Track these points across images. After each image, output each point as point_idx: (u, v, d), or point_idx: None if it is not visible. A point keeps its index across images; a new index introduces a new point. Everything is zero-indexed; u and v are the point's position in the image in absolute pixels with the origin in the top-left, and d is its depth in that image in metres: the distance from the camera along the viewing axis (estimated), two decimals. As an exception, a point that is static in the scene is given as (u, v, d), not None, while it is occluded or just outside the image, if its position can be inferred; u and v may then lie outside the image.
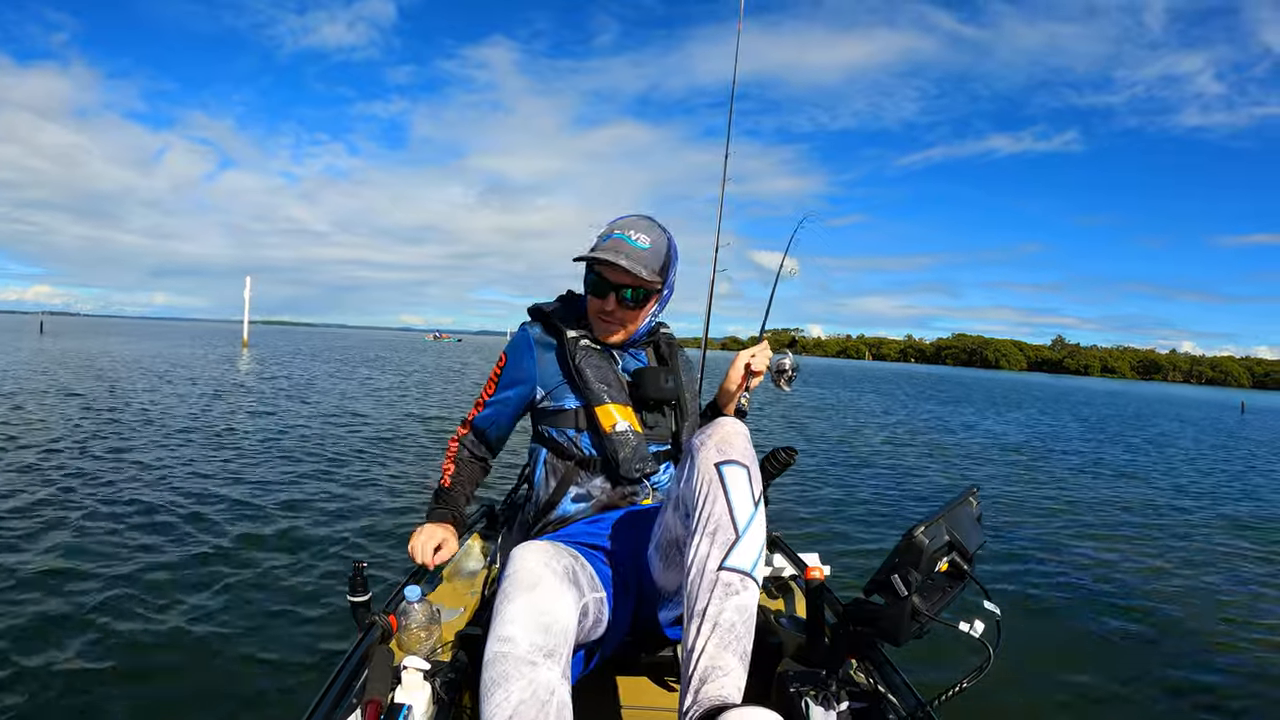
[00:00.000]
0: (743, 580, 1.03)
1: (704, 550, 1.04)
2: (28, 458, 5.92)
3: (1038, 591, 3.89)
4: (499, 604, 1.03)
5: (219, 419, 9.03)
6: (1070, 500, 6.79)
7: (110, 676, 2.45)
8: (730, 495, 1.06)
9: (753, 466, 1.11)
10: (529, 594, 1.02)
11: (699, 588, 1.02)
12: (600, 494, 1.41)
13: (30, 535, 3.85)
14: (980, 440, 11.54)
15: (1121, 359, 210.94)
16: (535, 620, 0.99)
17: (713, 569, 1.02)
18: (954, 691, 1.07)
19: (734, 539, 1.04)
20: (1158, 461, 10.53)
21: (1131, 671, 2.96)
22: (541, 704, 0.93)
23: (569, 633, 1.02)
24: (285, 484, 5.50)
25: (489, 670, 0.96)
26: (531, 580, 1.04)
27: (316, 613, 3.06)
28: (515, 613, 1.00)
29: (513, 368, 1.49)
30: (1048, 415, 19.51)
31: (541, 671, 0.95)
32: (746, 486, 1.08)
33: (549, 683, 0.95)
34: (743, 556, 1.04)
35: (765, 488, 1.99)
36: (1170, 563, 4.67)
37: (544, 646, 0.97)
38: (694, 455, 1.13)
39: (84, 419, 8.25)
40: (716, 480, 1.07)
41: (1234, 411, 32.90)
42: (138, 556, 3.62)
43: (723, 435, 1.12)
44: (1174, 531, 5.66)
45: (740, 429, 1.16)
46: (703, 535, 1.05)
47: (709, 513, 1.06)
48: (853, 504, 5.87)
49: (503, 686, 0.93)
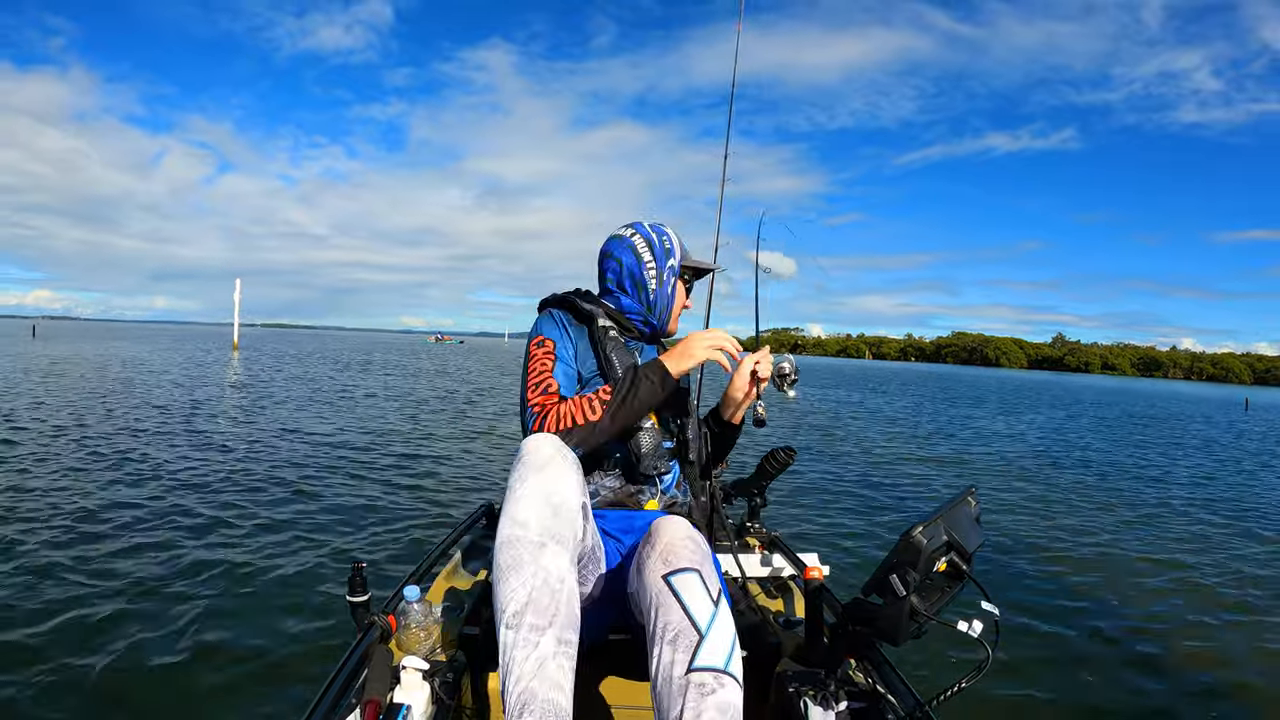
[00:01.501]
0: (718, 678, 0.96)
1: (666, 659, 0.98)
2: (14, 459, 5.92)
3: (1038, 591, 3.90)
4: (511, 484, 1.06)
5: (203, 420, 9.03)
6: (1074, 500, 6.79)
7: (109, 676, 2.45)
8: (685, 602, 1.02)
9: (704, 567, 1.07)
10: (539, 474, 1.05)
11: (669, 698, 0.96)
12: (609, 492, 1.41)
13: (27, 534, 3.85)
14: (1002, 445, 11.24)
15: (1122, 356, 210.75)
16: (546, 501, 1.03)
17: (680, 675, 0.96)
18: (953, 691, 1.07)
19: (698, 639, 0.98)
20: (1177, 461, 10.41)
21: (1132, 671, 2.97)
22: (553, 592, 0.99)
23: (575, 516, 1.06)
24: (285, 484, 5.50)
25: (503, 553, 1.01)
26: (542, 462, 1.07)
27: (315, 613, 3.06)
28: (526, 493, 1.04)
29: (562, 348, 1.42)
30: (1062, 415, 19.18)
31: (550, 557, 1.00)
32: (701, 589, 1.03)
33: (559, 570, 1.00)
34: (712, 654, 0.97)
35: (764, 488, 2.00)
36: (1177, 563, 4.67)
37: (553, 530, 1.02)
38: (641, 569, 1.10)
39: (64, 422, 8.25)
40: (667, 591, 1.03)
41: (1238, 408, 32.79)
42: (136, 557, 3.62)
43: (665, 545, 1.09)
44: (1185, 531, 5.66)
45: (684, 531, 1.12)
46: (663, 645, 1.00)
47: (665, 622, 1.01)
48: (852, 504, 5.87)
49: (517, 572, 0.99)
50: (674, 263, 1.52)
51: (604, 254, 1.54)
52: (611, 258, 1.52)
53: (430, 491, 5.57)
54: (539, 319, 1.47)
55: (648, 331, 1.55)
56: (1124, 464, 9.71)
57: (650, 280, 1.50)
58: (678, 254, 1.53)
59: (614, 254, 1.52)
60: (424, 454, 7.27)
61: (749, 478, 2.00)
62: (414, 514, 4.84)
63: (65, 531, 3.95)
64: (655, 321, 1.54)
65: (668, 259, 1.51)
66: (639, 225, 1.54)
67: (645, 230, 1.53)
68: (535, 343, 1.41)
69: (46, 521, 4.13)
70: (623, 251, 1.51)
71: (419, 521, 4.64)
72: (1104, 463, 9.70)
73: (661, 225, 1.55)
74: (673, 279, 1.53)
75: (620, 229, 1.55)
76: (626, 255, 1.50)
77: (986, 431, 13.33)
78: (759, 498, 2.02)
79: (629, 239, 1.52)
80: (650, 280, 1.50)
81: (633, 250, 1.50)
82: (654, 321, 1.53)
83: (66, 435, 7.16)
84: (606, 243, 1.55)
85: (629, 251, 1.51)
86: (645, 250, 1.51)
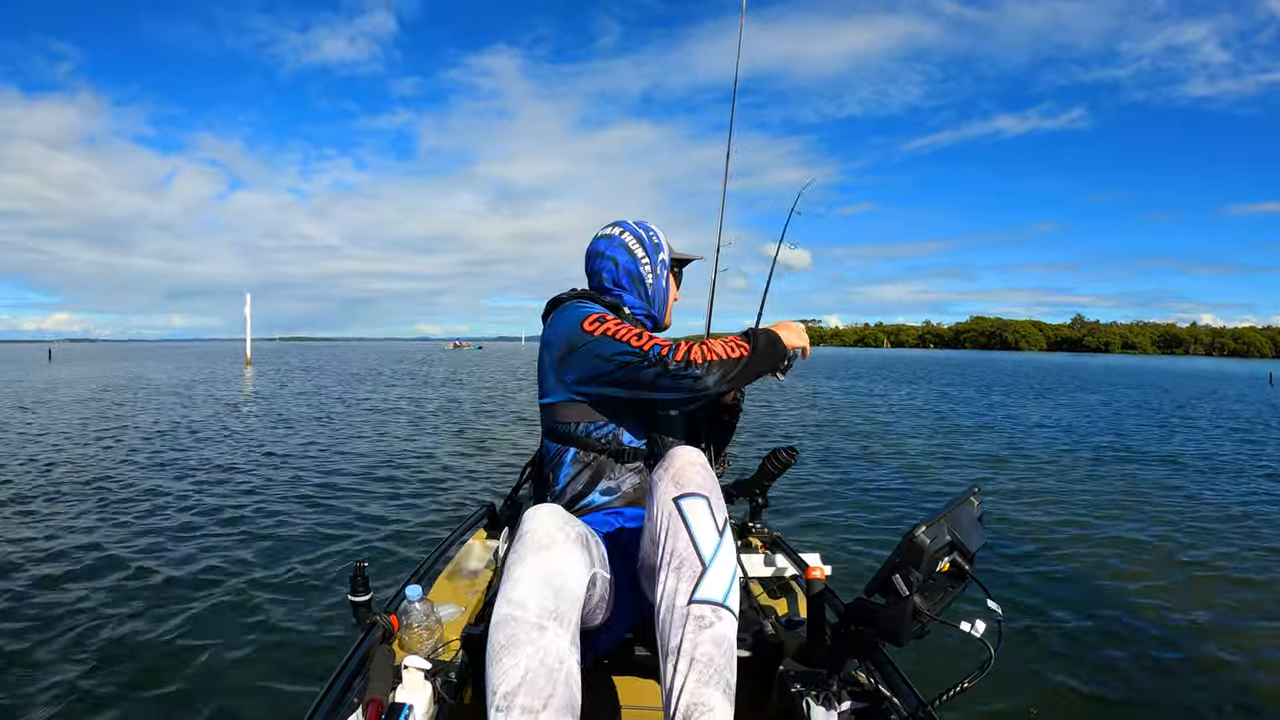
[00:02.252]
0: (715, 611, 1.00)
1: (671, 586, 1.02)
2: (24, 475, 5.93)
3: (1039, 590, 3.89)
4: (510, 565, 1.01)
5: (209, 430, 9.05)
6: (1085, 495, 6.78)
7: (111, 675, 2.46)
8: (692, 528, 1.04)
9: (713, 495, 1.09)
10: (541, 555, 1.00)
11: (670, 625, 1.00)
12: (629, 488, 1.40)
13: (34, 540, 3.86)
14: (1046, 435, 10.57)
15: (1142, 334, 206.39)
16: (546, 583, 0.98)
17: (682, 604, 1.00)
18: (955, 691, 1.06)
19: (701, 570, 1.02)
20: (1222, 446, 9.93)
21: (1135, 671, 2.96)
22: (550, 672, 0.93)
23: (578, 599, 1.01)
24: (286, 484, 5.51)
25: (498, 633, 0.96)
26: (544, 541, 1.02)
27: (317, 612, 3.06)
28: (526, 574, 0.98)
29: (619, 315, 1.42)
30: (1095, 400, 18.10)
31: (550, 638, 0.95)
32: (708, 517, 1.06)
33: (558, 651, 0.95)
34: (712, 587, 1.01)
35: (766, 488, 2.00)
36: (1190, 559, 4.66)
37: (554, 611, 0.97)
38: (652, 491, 1.11)
39: (80, 437, 8.27)
40: (676, 515, 1.05)
41: (1262, 383, 32.05)
42: (137, 557, 3.63)
43: (678, 468, 1.10)
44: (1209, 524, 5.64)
45: (697, 459, 1.13)
46: (668, 572, 1.03)
47: (672, 548, 1.04)
48: (854, 503, 5.87)
49: (511, 653, 0.93)
50: (664, 256, 1.55)
51: (594, 254, 1.53)
52: (604, 257, 1.51)
53: (431, 491, 5.58)
54: (581, 306, 1.39)
55: (650, 326, 1.55)
56: (1168, 453, 9.17)
57: (647, 275, 1.51)
58: (665, 248, 1.56)
59: (606, 253, 1.51)
60: (425, 455, 7.28)
61: (750, 478, 2.00)
62: (415, 514, 4.85)
63: (70, 533, 3.96)
64: (655, 315, 1.55)
65: (658, 253, 1.54)
66: (625, 224, 1.54)
67: (632, 228, 1.54)
68: (596, 317, 1.32)
69: (49, 522, 4.14)
70: (615, 250, 1.51)
71: (420, 521, 4.64)
72: (1143, 450, 9.42)
73: (645, 222, 1.57)
74: (665, 272, 1.55)
75: (606, 229, 1.55)
76: (620, 253, 1.51)
77: (1024, 420, 12.69)
78: (760, 498, 2.02)
79: (619, 237, 1.52)
80: (647, 275, 1.51)
81: (625, 248, 1.51)
82: (654, 315, 1.55)
83: (77, 449, 7.18)
84: (593, 244, 1.54)
85: (622, 249, 1.51)
86: (637, 246, 1.52)
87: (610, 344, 1.28)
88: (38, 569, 3.36)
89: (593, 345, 1.30)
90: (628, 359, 1.26)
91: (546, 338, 1.41)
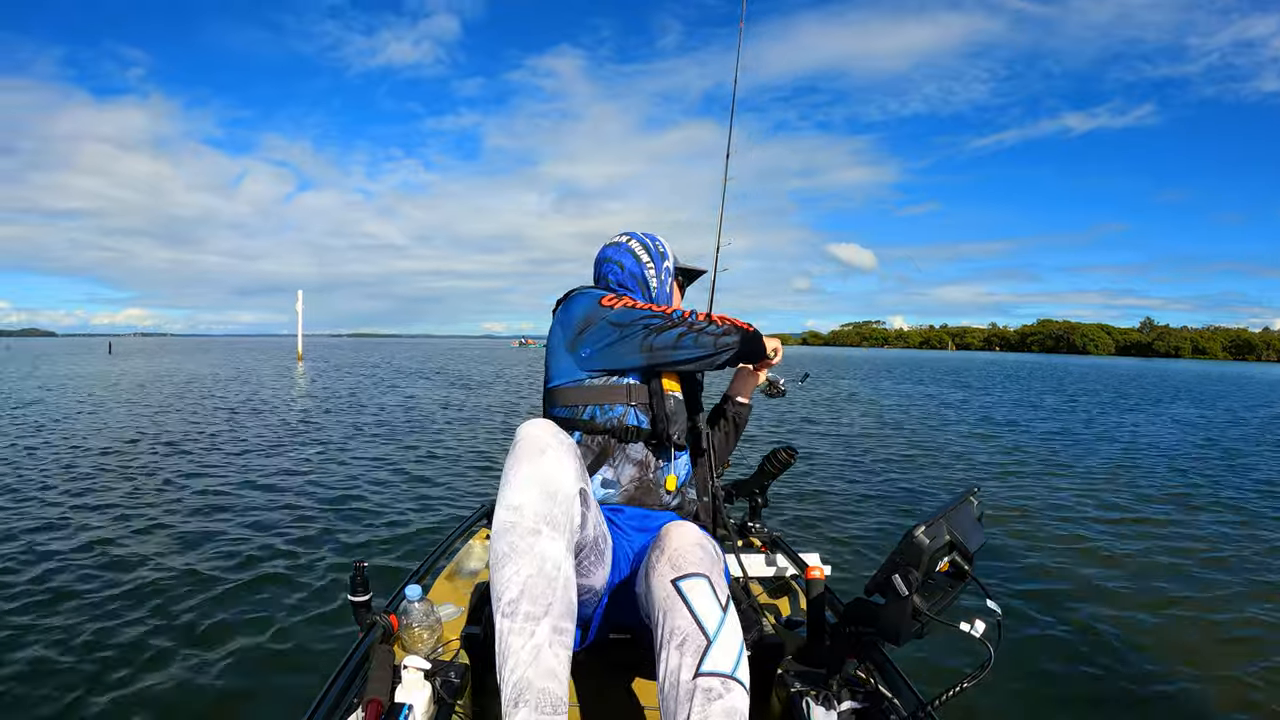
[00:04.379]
0: (724, 683, 0.96)
1: (674, 663, 0.99)
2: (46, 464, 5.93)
3: (1040, 590, 3.89)
4: (505, 470, 1.06)
5: (238, 425, 9.05)
6: (1096, 493, 6.78)
7: (111, 674, 2.45)
8: (693, 607, 1.02)
9: (713, 573, 1.07)
10: (535, 461, 1.04)
11: (675, 701, 0.97)
12: (629, 483, 1.39)
13: (34, 537, 3.86)
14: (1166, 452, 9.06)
15: (1213, 340, 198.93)
16: (540, 487, 1.02)
17: (687, 680, 0.97)
18: (955, 691, 1.06)
19: (705, 645, 0.99)
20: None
21: (1135, 672, 2.96)
22: (549, 580, 0.98)
23: (571, 503, 1.04)
24: (285, 483, 5.51)
25: (499, 541, 1.00)
26: (538, 448, 1.05)
27: (317, 612, 3.06)
28: (521, 480, 1.02)
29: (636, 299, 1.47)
30: (1196, 413, 15.82)
31: (546, 542, 0.99)
32: (709, 594, 1.04)
33: (555, 557, 1.00)
34: (720, 659, 0.98)
35: (765, 488, 2.00)
36: (1204, 562, 4.66)
37: (548, 515, 1.01)
38: (648, 573, 1.10)
39: (112, 427, 8.27)
40: (675, 597, 1.03)
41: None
42: (135, 556, 3.63)
43: (674, 550, 1.09)
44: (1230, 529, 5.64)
45: (691, 535, 1.12)
46: (670, 649, 1.00)
47: (673, 626, 1.01)
48: (855, 503, 5.87)
49: (512, 560, 0.98)
50: (669, 265, 1.60)
51: (602, 260, 1.59)
52: (611, 262, 1.57)
53: (432, 491, 5.58)
54: (579, 296, 1.44)
55: None
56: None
57: (652, 280, 1.56)
58: (671, 256, 1.61)
59: (613, 258, 1.57)
60: (426, 456, 7.28)
61: (750, 478, 2.01)
62: (415, 514, 4.85)
63: (67, 531, 3.97)
64: None
65: (664, 261, 1.59)
66: (632, 233, 1.62)
67: (640, 236, 1.61)
68: (614, 295, 1.40)
69: (50, 521, 4.14)
70: (622, 255, 1.57)
71: (420, 521, 4.64)
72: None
73: (653, 234, 1.63)
74: (669, 279, 1.60)
75: (614, 237, 1.62)
76: (627, 258, 1.57)
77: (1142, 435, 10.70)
78: (760, 497, 2.02)
79: (626, 244, 1.59)
80: (652, 280, 1.56)
81: (632, 253, 1.57)
82: None
83: (88, 439, 7.18)
84: (602, 250, 1.60)
85: (628, 255, 1.57)
86: (643, 253, 1.57)
87: (632, 312, 1.36)
88: (34, 567, 3.36)
89: (611, 314, 1.36)
90: (652, 320, 1.35)
91: (559, 320, 1.45)
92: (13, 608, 2.96)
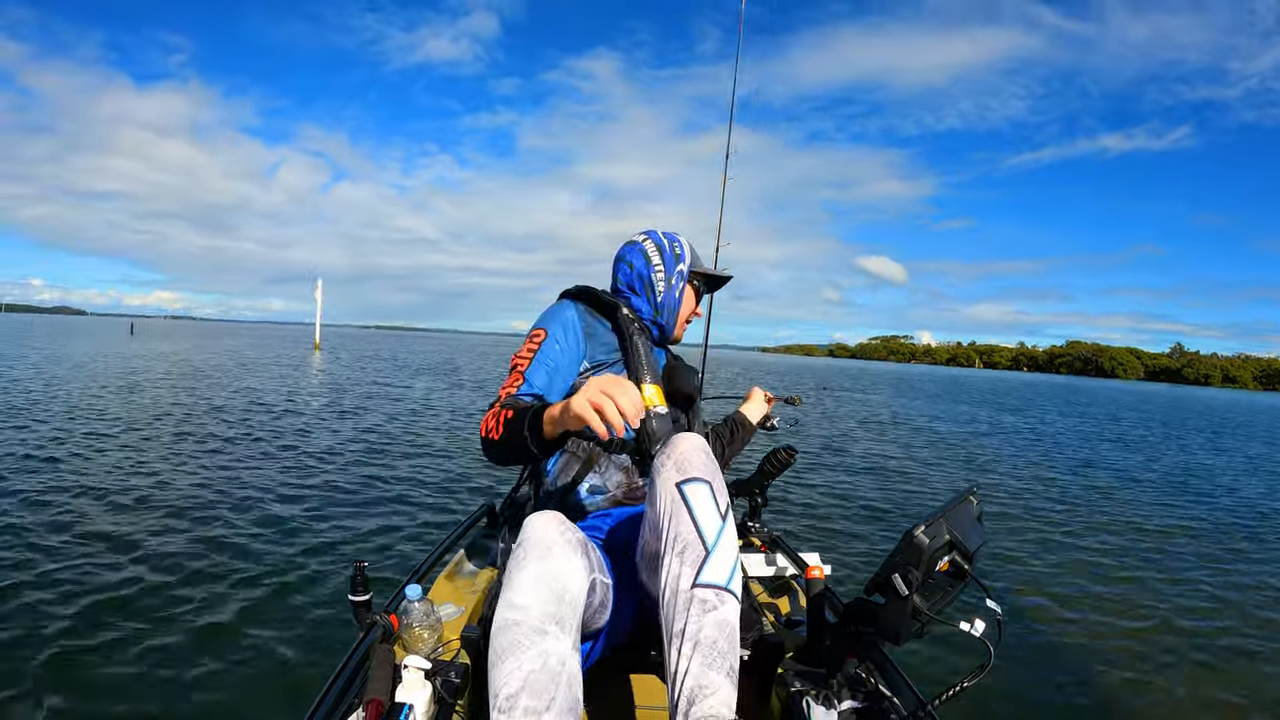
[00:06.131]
0: (719, 595, 1.02)
1: (675, 571, 1.03)
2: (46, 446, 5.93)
3: (1040, 590, 3.89)
4: (510, 570, 1.02)
5: (237, 414, 9.04)
6: (1090, 501, 6.78)
7: (110, 674, 2.45)
8: (695, 512, 1.06)
9: (715, 480, 1.10)
10: (542, 561, 1.00)
11: (674, 609, 1.01)
12: (615, 488, 1.41)
13: (34, 531, 3.86)
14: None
15: (1244, 368, 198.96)
16: (548, 588, 0.98)
17: (686, 588, 1.02)
18: (955, 691, 1.07)
19: (704, 555, 1.03)
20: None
21: (1136, 672, 2.96)
22: (553, 675, 0.93)
23: (579, 603, 1.02)
24: (287, 484, 5.51)
25: (499, 638, 0.96)
26: (545, 547, 1.02)
27: (317, 612, 3.06)
28: (527, 580, 0.99)
29: (555, 341, 1.40)
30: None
31: (553, 641, 0.95)
32: (710, 502, 1.07)
33: (560, 653, 0.95)
34: (716, 571, 1.03)
35: (765, 487, 2.00)
36: (1202, 573, 4.67)
37: (555, 615, 0.97)
38: (655, 477, 1.12)
39: (105, 416, 8.26)
40: (679, 499, 1.06)
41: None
42: (137, 555, 3.63)
43: (681, 454, 1.11)
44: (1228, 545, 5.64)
45: (698, 444, 1.14)
46: (672, 556, 1.04)
47: (675, 533, 1.05)
48: (855, 503, 5.87)
49: (514, 655, 0.94)
50: (683, 268, 1.56)
51: (617, 258, 1.59)
52: (624, 261, 1.57)
53: (432, 491, 5.58)
54: (547, 310, 1.47)
55: (655, 334, 1.58)
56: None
57: (658, 283, 1.54)
58: (688, 259, 1.58)
59: (626, 258, 1.57)
60: (427, 455, 7.27)
61: (750, 477, 2.01)
62: (416, 514, 4.85)
63: (63, 529, 3.96)
64: (663, 323, 1.56)
65: (676, 264, 1.56)
66: (652, 232, 1.60)
67: (658, 236, 1.59)
68: (529, 336, 1.41)
69: (46, 516, 4.14)
70: (634, 255, 1.56)
71: (421, 521, 4.64)
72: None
73: (675, 234, 1.60)
74: (681, 283, 1.56)
75: (635, 235, 1.61)
76: (637, 259, 1.56)
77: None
78: (760, 497, 2.03)
79: (640, 244, 1.58)
80: (658, 283, 1.54)
81: (643, 254, 1.56)
82: (661, 323, 1.56)
83: (84, 429, 7.17)
84: (620, 249, 1.60)
85: (639, 255, 1.56)
86: (655, 254, 1.56)
87: (518, 357, 1.38)
88: (32, 566, 3.36)
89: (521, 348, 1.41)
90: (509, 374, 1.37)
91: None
92: (7, 610, 2.95)
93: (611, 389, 1.00)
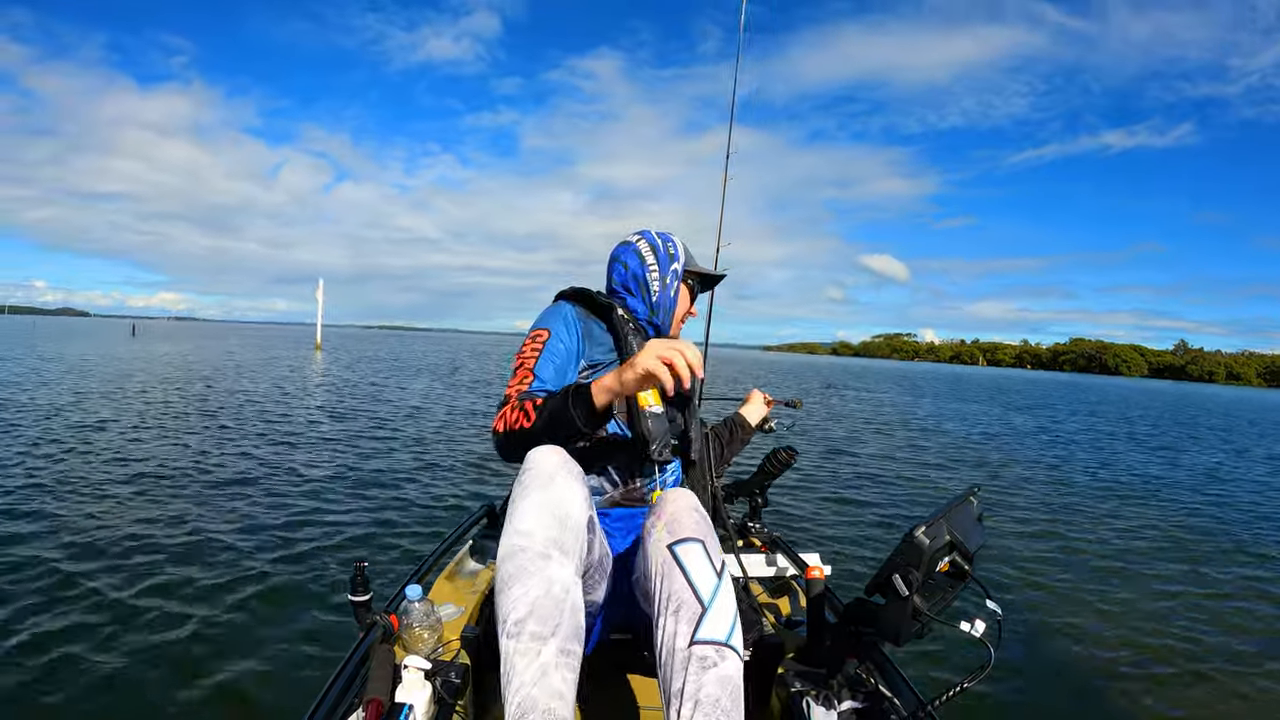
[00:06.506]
0: (719, 651, 0.98)
1: (670, 630, 1.00)
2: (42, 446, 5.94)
3: (1040, 590, 3.89)
4: (514, 498, 1.04)
5: (234, 415, 9.05)
6: (1088, 500, 6.77)
7: (109, 673, 2.45)
8: (689, 572, 1.03)
9: (708, 539, 1.08)
10: (545, 490, 1.03)
11: (671, 669, 0.98)
12: (613, 489, 1.41)
13: (30, 531, 3.86)
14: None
15: (1248, 365, 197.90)
16: (551, 514, 1.01)
17: (683, 646, 0.98)
18: (955, 691, 1.06)
19: (700, 611, 1.00)
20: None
21: (1135, 672, 2.96)
22: (557, 602, 0.97)
23: (581, 530, 1.03)
24: (286, 485, 5.51)
25: (506, 564, 0.99)
26: (548, 476, 1.05)
27: (318, 612, 3.06)
28: (531, 507, 1.02)
29: (559, 340, 1.40)
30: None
31: (556, 567, 0.98)
32: (704, 559, 1.05)
33: (564, 580, 0.98)
34: (714, 627, 0.99)
35: (765, 488, 2.00)
36: (1198, 574, 4.66)
37: (559, 541, 1.00)
38: (645, 539, 1.11)
39: (105, 415, 8.27)
40: (671, 560, 1.04)
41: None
42: (137, 555, 3.63)
43: (670, 514, 1.10)
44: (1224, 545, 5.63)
45: (689, 503, 1.13)
46: (666, 615, 1.01)
47: (668, 592, 1.03)
48: (855, 503, 5.86)
49: (520, 581, 0.97)
50: (677, 267, 1.56)
51: (611, 259, 1.59)
52: (618, 261, 1.57)
53: (432, 491, 5.58)
54: (545, 311, 1.47)
55: (650, 334, 1.57)
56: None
57: (653, 282, 1.54)
58: (681, 259, 1.58)
59: (620, 258, 1.57)
60: (427, 455, 7.28)
61: (750, 478, 2.01)
62: (416, 514, 4.85)
63: (62, 533, 3.97)
64: (658, 323, 1.56)
65: (671, 263, 1.56)
66: (646, 232, 1.60)
67: (651, 236, 1.59)
68: (531, 335, 1.40)
69: (42, 518, 4.14)
70: (628, 255, 1.56)
71: (421, 521, 4.65)
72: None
73: (669, 233, 1.61)
74: (675, 282, 1.56)
75: (629, 235, 1.60)
76: (631, 259, 1.55)
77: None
78: (760, 497, 2.02)
79: (634, 244, 1.57)
80: (653, 282, 1.54)
81: (637, 254, 1.55)
82: (656, 323, 1.56)
83: (82, 431, 7.18)
84: (614, 249, 1.60)
85: (634, 255, 1.55)
86: (649, 254, 1.56)
87: (520, 354, 1.37)
88: (37, 557, 3.36)
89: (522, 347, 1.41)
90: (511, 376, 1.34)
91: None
92: (14, 599, 2.96)
93: (676, 344, 1.07)
